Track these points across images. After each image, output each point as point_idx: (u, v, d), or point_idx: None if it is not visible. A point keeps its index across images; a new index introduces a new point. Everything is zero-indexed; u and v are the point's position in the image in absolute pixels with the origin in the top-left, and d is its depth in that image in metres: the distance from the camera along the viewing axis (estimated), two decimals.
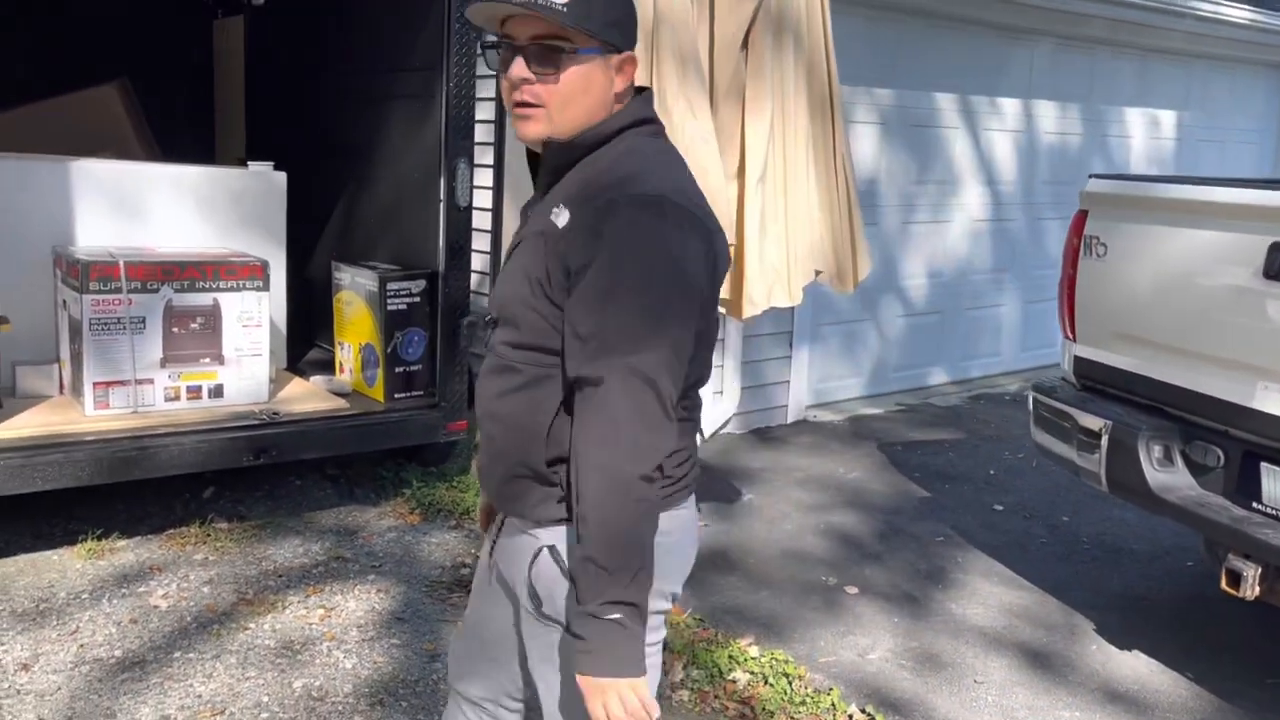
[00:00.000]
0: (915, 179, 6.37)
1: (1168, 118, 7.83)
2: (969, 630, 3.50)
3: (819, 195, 2.91)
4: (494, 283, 1.35)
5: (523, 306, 1.50)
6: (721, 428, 5.48)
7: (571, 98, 1.47)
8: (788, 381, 5.79)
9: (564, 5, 1.43)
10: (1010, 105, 6.81)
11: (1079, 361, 3.55)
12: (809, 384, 5.95)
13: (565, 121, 1.48)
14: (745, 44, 2.70)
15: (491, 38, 1.50)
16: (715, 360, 5.56)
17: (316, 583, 3.57)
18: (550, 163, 1.52)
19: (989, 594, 3.77)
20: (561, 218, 1.46)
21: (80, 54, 5.98)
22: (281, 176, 4.56)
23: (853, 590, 3.74)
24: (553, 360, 1.50)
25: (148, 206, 4.30)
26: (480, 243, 4.50)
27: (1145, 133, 7.71)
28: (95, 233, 4.18)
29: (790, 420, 5.82)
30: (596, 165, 1.49)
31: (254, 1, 5.84)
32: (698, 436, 1.64)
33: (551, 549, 1.55)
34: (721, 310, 3.04)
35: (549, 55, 1.45)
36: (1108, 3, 6.65)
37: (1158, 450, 3.09)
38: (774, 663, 3.18)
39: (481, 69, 4.37)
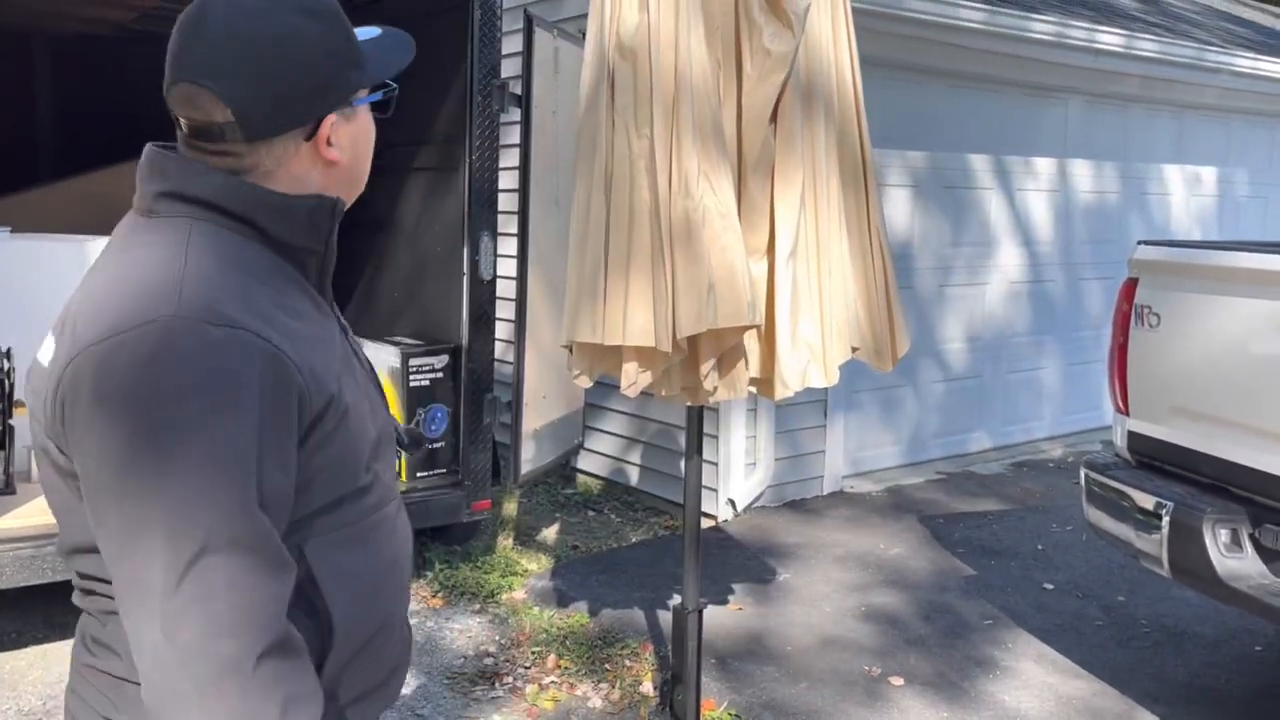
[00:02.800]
0: (950, 241, 6.22)
1: (1207, 175, 7.65)
2: None
3: (854, 269, 2.77)
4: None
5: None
6: (754, 501, 5.30)
7: None
8: (823, 451, 5.61)
9: None
10: (1045, 165, 6.67)
11: (1133, 437, 3.35)
12: (845, 453, 5.76)
13: None
14: (774, 116, 2.60)
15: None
16: (749, 430, 5.47)
17: None
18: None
19: (1043, 683, 3.54)
20: None
21: (109, 129, 6.01)
22: None
23: (898, 682, 3.53)
24: None
25: None
26: (505, 311, 4.39)
27: (1185, 190, 7.53)
28: None
29: (826, 491, 5.62)
30: None
31: None
32: None
33: None
34: (752, 389, 2.88)
35: None
36: (1137, 59, 6.54)
37: (1224, 534, 2.88)
38: None
39: (505, 138, 4.31)
